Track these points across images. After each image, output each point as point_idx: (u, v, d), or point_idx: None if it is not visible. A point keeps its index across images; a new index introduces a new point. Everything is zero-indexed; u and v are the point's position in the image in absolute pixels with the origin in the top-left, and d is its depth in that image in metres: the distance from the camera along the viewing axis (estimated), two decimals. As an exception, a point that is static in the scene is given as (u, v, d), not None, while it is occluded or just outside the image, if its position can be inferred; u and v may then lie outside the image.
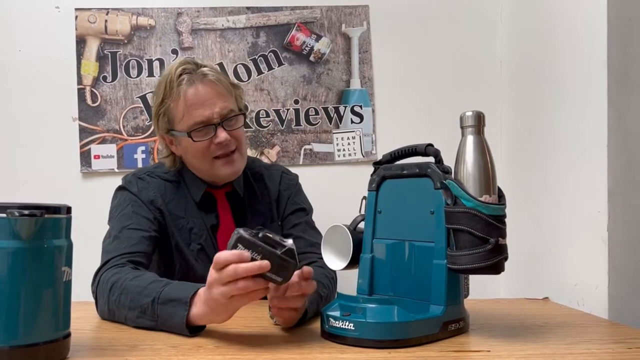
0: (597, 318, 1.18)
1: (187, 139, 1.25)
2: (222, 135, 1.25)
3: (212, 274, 0.89)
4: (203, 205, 1.33)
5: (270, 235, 0.88)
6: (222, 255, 0.87)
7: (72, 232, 0.86)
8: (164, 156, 1.37)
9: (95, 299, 1.13)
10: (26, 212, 0.76)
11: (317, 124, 1.88)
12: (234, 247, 0.87)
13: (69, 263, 0.83)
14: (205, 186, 1.33)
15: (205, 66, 1.27)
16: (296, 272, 0.91)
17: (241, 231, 0.87)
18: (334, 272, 1.29)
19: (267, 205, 1.40)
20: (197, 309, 0.94)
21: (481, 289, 1.27)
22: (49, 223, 0.80)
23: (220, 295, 0.88)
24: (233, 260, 0.85)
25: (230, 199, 1.36)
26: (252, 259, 0.85)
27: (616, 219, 1.22)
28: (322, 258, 1.18)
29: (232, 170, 1.30)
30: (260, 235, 0.88)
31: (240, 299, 0.89)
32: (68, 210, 0.84)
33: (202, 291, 0.94)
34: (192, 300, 0.94)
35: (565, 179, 1.41)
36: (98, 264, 1.18)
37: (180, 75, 1.23)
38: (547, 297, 1.41)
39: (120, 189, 1.33)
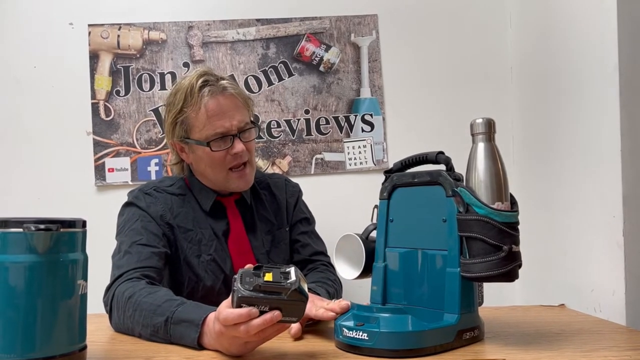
0: (615, 324, 1.17)
1: (203, 148, 1.28)
2: (239, 146, 1.28)
3: (219, 325, 0.88)
4: (213, 214, 1.34)
5: (270, 276, 0.85)
6: (229, 317, 0.85)
7: (87, 245, 0.87)
8: (174, 163, 1.40)
9: (110, 311, 1.14)
10: (42, 226, 0.77)
11: (328, 133, 1.88)
12: (238, 306, 0.84)
13: (84, 276, 0.84)
14: (215, 195, 1.35)
15: (224, 79, 1.31)
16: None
17: (240, 287, 0.84)
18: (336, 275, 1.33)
19: (274, 212, 1.43)
20: (209, 341, 0.94)
21: (496, 297, 1.27)
22: (64, 237, 0.81)
23: (231, 343, 0.89)
24: (241, 320, 0.84)
25: (239, 206, 1.38)
26: (261, 312, 0.84)
27: (632, 224, 1.20)
28: (324, 264, 1.20)
29: (245, 183, 1.33)
30: (260, 282, 0.84)
31: (256, 343, 0.90)
32: (83, 224, 0.86)
33: (212, 325, 0.92)
34: (203, 325, 0.94)
35: (579, 184, 1.40)
36: (113, 276, 1.19)
37: (202, 86, 1.26)
38: (563, 304, 1.39)
39: (127, 204, 1.34)
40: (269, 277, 0.85)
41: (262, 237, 1.38)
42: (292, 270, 0.88)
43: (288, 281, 0.85)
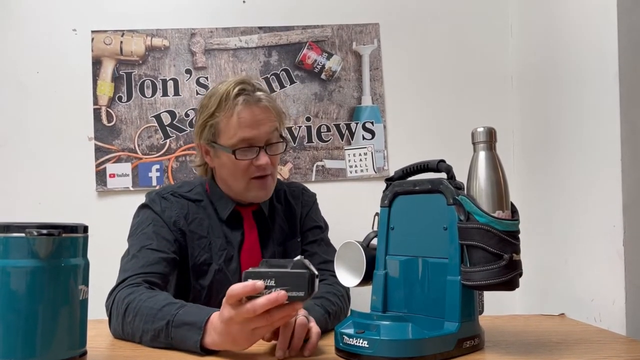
0: (615, 334, 1.17)
1: (228, 155, 1.27)
2: (264, 159, 1.27)
3: (227, 309, 0.88)
4: (230, 223, 1.34)
5: (274, 260, 0.88)
6: (235, 289, 0.85)
7: (88, 251, 0.87)
8: (197, 164, 1.41)
9: (109, 316, 1.14)
10: (44, 231, 0.77)
11: (329, 140, 1.89)
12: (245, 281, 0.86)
13: (85, 281, 0.85)
14: (234, 204, 1.34)
15: (261, 90, 1.31)
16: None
17: (250, 268, 0.87)
18: (347, 289, 1.29)
19: (288, 220, 1.42)
20: (213, 339, 0.93)
21: (496, 305, 1.26)
22: (66, 242, 0.81)
23: (240, 330, 0.88)
24: (247, 291, 0.84)
25: (255, 217, 1.37)
26: (267, 287, 0.84)
27: (632, 233, 1.20)
28: (333, 275, 1.18)
29: (265, 193, 1.32)
30: (267, 261, 0.87)
31: (264, 328, 0.89)
32: (85, 229, 0.86)
33: (216, 321, 0.92)
34: (206, 326, 0.94)
35: (579, 193, 1.40)
36: (114, 282, 1.19)
37: (238, 94, 1.26)
38: (563, 313, 1.39)
39: (143, 206, 1.34)
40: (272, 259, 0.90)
41: (275, 249, 1.37)
42: (299, 256, 0.89)
43: (293, 260, 0.87)
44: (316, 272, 0.87)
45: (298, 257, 0.88)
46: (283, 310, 0.85)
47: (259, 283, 0.84)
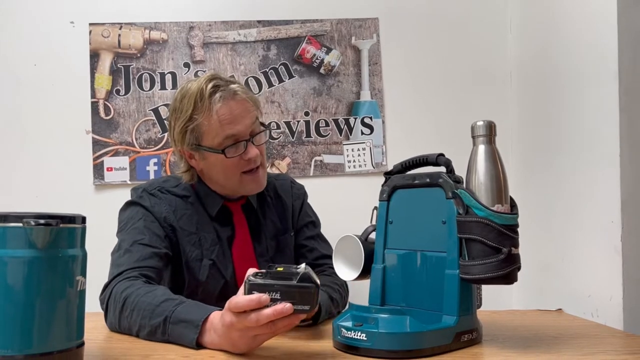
0: (612, 329, 1.17)
1: (216, 155, 1.25)
2: (253, 151, 1.26)
3: (229, 315, 0.87)
4: (219, 219, 1.33)
5: (281, 269, 0.87)
6: (240, 302, 0.84)
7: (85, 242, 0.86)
8: (183, 171, 1.34)
9: (105, 309, 1.13)
10: (42, 221, 0.77)
11: (327, 135, 1.89)
12: (249, 294, 0.85)
13: (83, 272, 0.84)
14: (222, 200, 1.33)
15: (233, 82, 1.28)
16: None
17: (252, 277, 0.86)
18: (345, 281, 1.30)
19: (280, 215, 1.41)
20: (212, 339, 0.93)
21: (493, 301, 1.26)
22: (64, 232, 0.80)
23: (240, 336, 0.88)
24: (252, 306, 0.83)
25: (245, 211, 1.36)
26: (272, 299, 0.84)
27: (630, 229, 1.20)
28: (332, 267, 1.19)
29: (258, 185, 1.31)
30: (271, 272, 0.86)
31: (266, 335, 0.89)
32: (83, 220, 0.85)
33: (217, 322, 0.92)
34: (204, 325, 0.94)
35: (578, 189, 1.41)
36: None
37: (213, 92, 1.22)
38: (560, 309, 1.39)
39: (131, 203, 1.32)
40: (280, 269, 0.87)
41: (267, 243, 1.36)
42: (303, 264, 0.89)
43: (298, 269, 0.86)
44: (319, 282, 0.87)
45: (302, 267, 0.87)
46: (286, 319, 0.85)
47: (264, 297, 0.83)
